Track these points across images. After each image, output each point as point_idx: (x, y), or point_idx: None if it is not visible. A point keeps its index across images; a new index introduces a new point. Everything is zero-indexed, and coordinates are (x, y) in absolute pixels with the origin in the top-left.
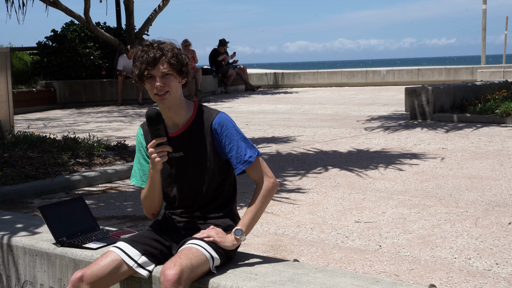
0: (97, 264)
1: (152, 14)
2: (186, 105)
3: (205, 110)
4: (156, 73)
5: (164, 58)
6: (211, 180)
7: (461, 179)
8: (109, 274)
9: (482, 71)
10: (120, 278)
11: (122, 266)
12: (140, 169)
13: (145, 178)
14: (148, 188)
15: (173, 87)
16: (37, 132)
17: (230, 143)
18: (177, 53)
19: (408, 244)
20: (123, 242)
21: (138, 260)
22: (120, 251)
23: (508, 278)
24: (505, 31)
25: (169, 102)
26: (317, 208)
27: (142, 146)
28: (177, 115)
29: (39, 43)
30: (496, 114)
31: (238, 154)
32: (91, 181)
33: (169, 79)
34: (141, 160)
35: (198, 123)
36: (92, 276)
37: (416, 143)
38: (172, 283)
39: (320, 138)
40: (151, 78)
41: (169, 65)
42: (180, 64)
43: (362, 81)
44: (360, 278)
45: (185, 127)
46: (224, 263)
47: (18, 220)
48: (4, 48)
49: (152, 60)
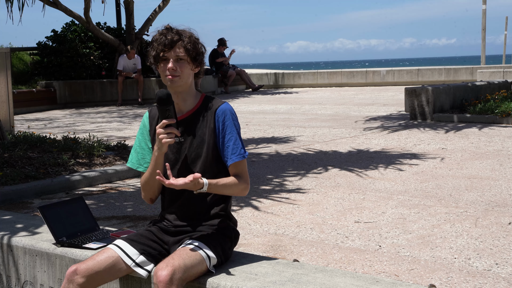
0: (93, 259)
1: (152, 15)
2: (194, 94)
3: (211, 100)
4: (171, 55)
5: (180, 43)
6: (207, 169)
7: (461, 179)
8: (105, 270)
9: (482, 71)
10: (117, 275)
11: (119, 263)
12: (139, 153)
13: (142, 162)
14: (151, 171)
15: (185, 72)
16: (37, 132)
17: (230, 133)
18: (194, 41)
19: (408, 244)
20: (121, 240)
21: (136, 259)
22: (118, 249)
23: (508, 278)
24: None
25: (178, 86)
26: (317, 208)
27: (146, 129)
28: (184, 101)
29: (39, 43)
30: (496, 114)
31: (236, 145)
32: (91, 181)
33: (183, 64)
34: (142, 144)
35: (202, 111)
36: (87, 269)
37: (416, 143)
38: (164, 284)
39: (320, 138)
40: (166, 61)
41: (185, 50)
42: (195, 52)
43: (362, 81)
44: (360, 278)
45: (188, 113)
46: (222, 262)
47: (18, 220)
48: (4, 48)
49: (169, 42)
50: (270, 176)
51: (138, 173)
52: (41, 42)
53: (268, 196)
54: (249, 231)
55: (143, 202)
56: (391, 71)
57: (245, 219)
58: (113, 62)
